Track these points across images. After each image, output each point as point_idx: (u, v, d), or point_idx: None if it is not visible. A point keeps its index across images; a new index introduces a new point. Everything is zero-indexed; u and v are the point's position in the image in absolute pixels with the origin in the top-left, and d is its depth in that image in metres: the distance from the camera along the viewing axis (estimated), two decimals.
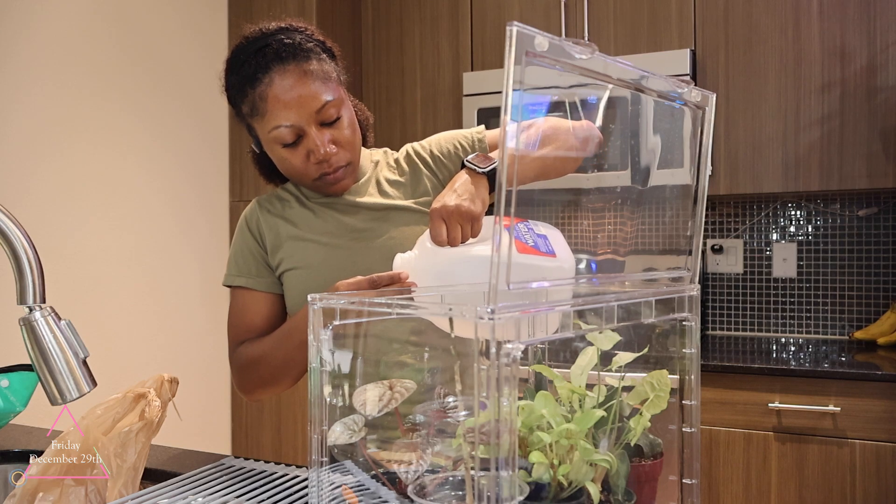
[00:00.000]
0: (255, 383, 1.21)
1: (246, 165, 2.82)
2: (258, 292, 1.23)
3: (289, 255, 1.20)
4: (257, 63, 1.12)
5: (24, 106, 2.07)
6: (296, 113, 1.10)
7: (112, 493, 0.89)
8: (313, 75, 1.12)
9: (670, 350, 0.79)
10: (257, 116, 1.14)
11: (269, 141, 1.15)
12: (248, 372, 1.20)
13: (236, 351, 1.23)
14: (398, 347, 0.91)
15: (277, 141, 1.13)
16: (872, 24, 2.18)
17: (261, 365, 1.18)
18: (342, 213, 1.23)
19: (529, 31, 0.56)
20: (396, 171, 1.28)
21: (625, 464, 0.71)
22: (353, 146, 1.18)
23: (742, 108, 2.34)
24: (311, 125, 1.12)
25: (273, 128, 1.12)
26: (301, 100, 1.10)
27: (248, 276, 1.23)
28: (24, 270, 0.78)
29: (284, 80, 1.10)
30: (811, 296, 2.58)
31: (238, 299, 1.25)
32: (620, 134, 0.94)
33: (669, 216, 0.87)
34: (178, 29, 2.61)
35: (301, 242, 1.21)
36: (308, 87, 1.10)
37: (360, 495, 0.75)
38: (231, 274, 1.25)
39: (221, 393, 2.80)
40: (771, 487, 2.03)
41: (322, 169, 1.15)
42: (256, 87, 1.11)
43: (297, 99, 1.10)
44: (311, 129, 1.12)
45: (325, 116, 1.12)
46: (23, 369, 1.10)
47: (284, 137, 1.12)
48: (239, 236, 1.27)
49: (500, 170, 0.56)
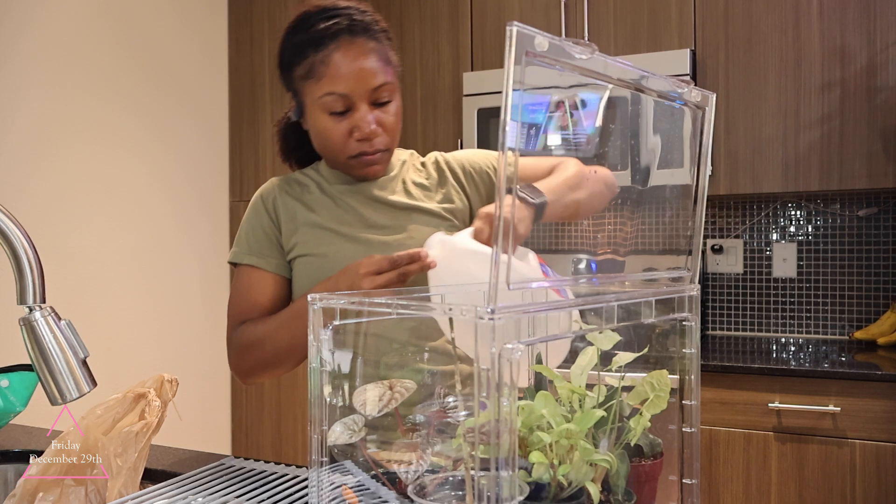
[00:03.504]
0: (254, 365, 1.18)
1: (246, 165, 2.82)
2: (266, 272, 1.20)
3: (304, 240, 1.19)
4: (327, 29, 1.12)
5: (24, 106, 2.07)
6: (353, 84, 1.11)
7: (112, 493, 0.89)
8: (377, 54, 1.13)
9: (670, 350, 0.79)
10: (311, 80, 1.13)
11: (317, 107, 1.14)
12: (248, 352, 1.17)
13: (237, 330, 1.20)
14: (398, 347, 0.91)
15: (326, 108, 1.13)
16: (872, 24, 2.18)
17: (264, 345, 1.15)
18: (364, 205, 1.21)
19: (529, 31, 0.56)
20: (423, 173, 1.28)
21: (625, 464, 0.71)
22: (395, 134, 1.18)
23: (742, 108, 2.34)
24: (364, 101, 1.12)
25: (326, 93, 1.12)
26: (362, 73, 1.11)
27: (258, 255, 1.21)
28: (24, 270, 0.78)
29: (350, 51, 1.11)
30: (811, 296, 2.58)
31: (244, 278, 1.22)
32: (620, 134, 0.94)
33: (669, 216, 0.87)
34: (178, 29, 2.61)
35: (318, 230, 1.19)
36: (371, 63, 1.12)
37: (360, 495, 0.75)
38: (240, 251, 1.22)
39: (221, 393, 2.80)
40: (771, 487, 2.03)
41: (362, 147, 1.15)
42: (321, 50, 1.11)
43: (358, 71, 1.11)
44: (362, 105, 1.12)
45: (379, 96, 1.13)
46: (23, 369, 1.10)
47: (334, 106, 1.12)
48: (252, 214, 1.24)
49: (501, 170, 0.56)
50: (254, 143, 2.82)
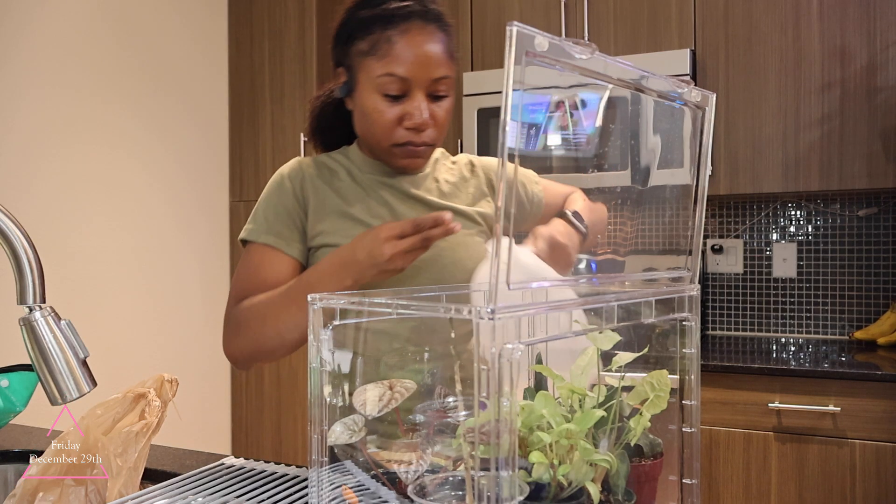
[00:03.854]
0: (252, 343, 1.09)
1: (246, 165, 2.82)
2: (283, 255, 1.13)
3: (332, 230, 1.13)
4: (400, 8, 1.07)
5: (25, 106, 2.07)
6: (416, 69, 1.07)
7: (112, 493, 0.89)
8: (445, 46, 1.10)
9: (670, 350, 0.79)
10: (373, 57, 1.08)
11: (372, 86, 1.09)
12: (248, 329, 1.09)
13: (237, 306, 1.12)
14: (398, 347, 0.91)
15: (381, 89, 1.08)
16: (872, 24, 2.18)
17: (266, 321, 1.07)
18: (398, 201, 1.17)
19: (529, 31, 0.56)
20: (454, 172, 1.25)
21: (625, 464, 0.71)
22: (443, 130, 1.15)
23: (742, 108, 2.34)
24: (421, 89, 1.08)
25: (386, 73, 1.07)
26: (426, 59, 1.07)
27: (277, 235, 1.13)
28: (24, 270, 0.78)
29: (420, 35, 1.07)
30: (811, 296, 2.58)
31: (256, 256, 1.14)
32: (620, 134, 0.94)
33: (669, 216, 0.87)
34: (178, 29, 2.61)
35: (349, 221, 1.13)
36: (437, 53, 1.08)
37: (360, 495, 0.75)
38: (257, 229, 1.15)
39: (221, 393, 2.80)
40: (771, 487, 2.03)
41: (410, 136, 1.10)
42: (388, 28, 1.07)
43: (424, 57, 1.07)
44: (418, 93, 1.08)
45: (437, 88, 1.10)
46: (23, 369, 1.10)
47: (390, 88, 1.07)
48: (275, 192, 1.16)
49: (501, 169, 0.56)
50: (254, 143, 2.81)
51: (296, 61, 2.72)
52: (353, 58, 1.11)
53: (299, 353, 2.70)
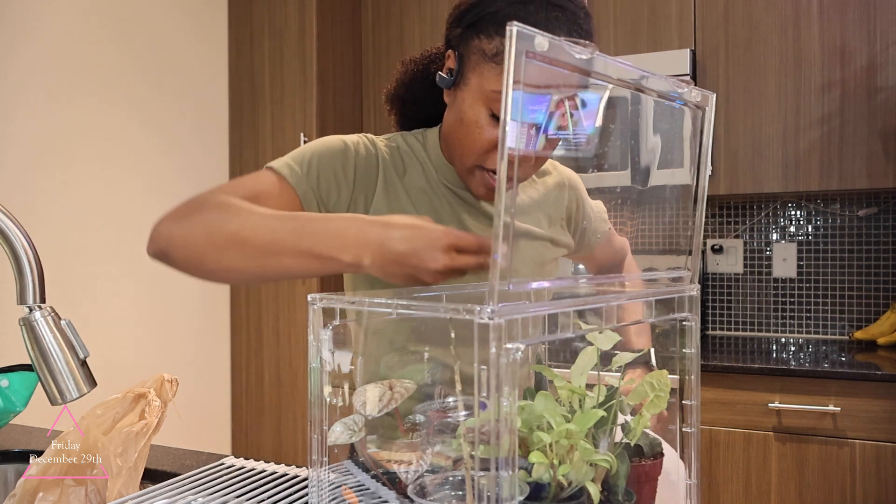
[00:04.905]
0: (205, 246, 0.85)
1: (246, 165, 2.82)
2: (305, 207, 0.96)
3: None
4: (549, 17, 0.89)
5: (25, 106, 2.07)
6: None
7: (112, 493, 0.89)
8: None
9: (670, 350, 0.79)
10: (495, 65, 0.90)
11: (482, 96, 0.92)
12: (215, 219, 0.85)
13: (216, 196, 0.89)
14: (398, 347, 0.91)
15: (490, 103, 0.91)
16: (872, 24, 2.18)
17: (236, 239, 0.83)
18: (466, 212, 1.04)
19: (529, 31, 0.56)
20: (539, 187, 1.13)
21: (625, 464, 0.71)
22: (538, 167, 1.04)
23: (742, 108, 2.34)
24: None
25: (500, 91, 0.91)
26: None
27: (314, 189, 0.97)
28: (24, 270, 0.78)
29: None
30: (811, 296, 2.58)
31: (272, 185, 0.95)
32: (620, 134, 0.94)
33: (669, 216, 0.87)
34: (178, 29, 2.61)
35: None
36: None
37: (360, 495, 0.75)
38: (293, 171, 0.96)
39: (221, 393, 2.80)
40: (771, 487, 2.02)
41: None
42: None
43: None
44: None
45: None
46: (23, 369, 1.10)
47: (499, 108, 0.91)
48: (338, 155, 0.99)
49: (500, 169, 0.56)
50: (254, 143, 2.81)
51: (296, 61, 2.72)
52: (470, 51, 0.94)
53: (299, 354, 2.70)
